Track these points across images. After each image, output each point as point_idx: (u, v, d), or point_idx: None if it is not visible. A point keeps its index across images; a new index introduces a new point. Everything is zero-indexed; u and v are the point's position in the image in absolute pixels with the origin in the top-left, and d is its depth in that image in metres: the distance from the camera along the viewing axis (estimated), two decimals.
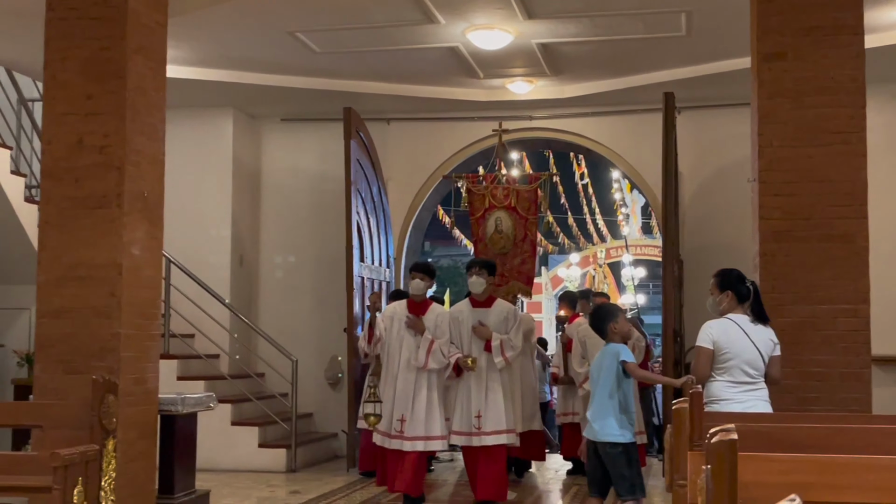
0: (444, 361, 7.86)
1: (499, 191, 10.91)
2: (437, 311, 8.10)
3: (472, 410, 7.93)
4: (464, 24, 8.91)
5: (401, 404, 7.82)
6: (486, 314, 8.15)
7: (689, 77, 10.18)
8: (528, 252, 10.94)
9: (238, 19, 8.82)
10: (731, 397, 5.45)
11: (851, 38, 6.26)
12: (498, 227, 10.86)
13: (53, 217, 6.83)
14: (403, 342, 7.95)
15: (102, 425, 5.83)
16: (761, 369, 5.56)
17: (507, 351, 8.00)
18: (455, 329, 8.10)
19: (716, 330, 5.62)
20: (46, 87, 6.95)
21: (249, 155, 12.03)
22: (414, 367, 7.84)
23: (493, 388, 8.01)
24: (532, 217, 10.92)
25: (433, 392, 7.88)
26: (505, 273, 10.62)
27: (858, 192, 6.22)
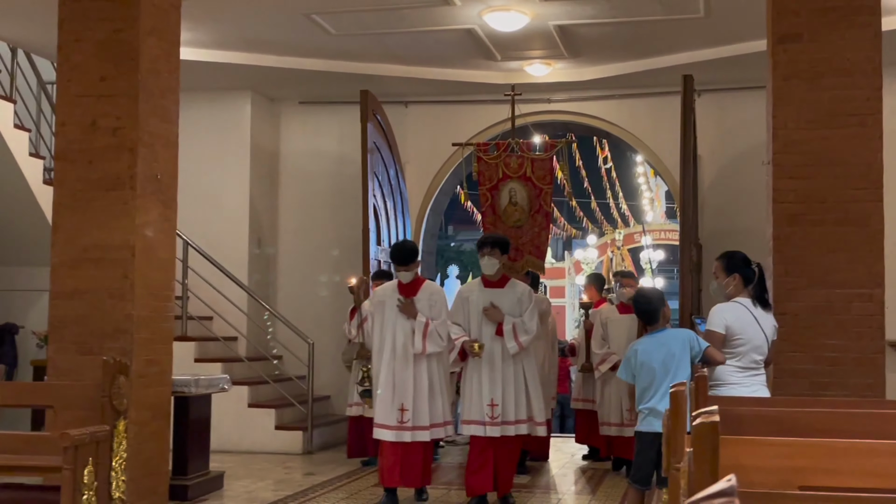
0: (442, 344, 7.33)
1: (512, 160, 10.23)
2: (429, 290, 7.53)
3: (485, 398, 7.35)
4: (480, 6, 8.86)
5: (400, 393, 7.28)
6: (498, 295, 7.52)
7: (708, 59, 10.09)
8: (543, 224, 10.32)
9: (255, 2, 8.82)
10: (739, 381, 5.43)
11: (868, 18, 6.17)
12: (512, 198, 10.20)
13: (67, 199, 6.87)
14: (397, 326, 7.36)
15: (113, 406, 5.86)
16: (766, 354, 5.54)
17: (521, 335, 7.36)
18: (464, 310, 7.55)
19: (729, 315, 5.59)
20: (60, 69, 6.98)
21: (268, 138, 12.04)
22: (411, 353, 7.30)
23: (507, 376, 7.43)
24: (547, 187, 10.29)
25: (434, 377, 7.38)
26: (519, 247, 10.06)
27: (874, 174, 6.14)
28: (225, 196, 11.53)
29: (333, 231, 11.84)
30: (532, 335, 7.49)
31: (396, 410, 7.25)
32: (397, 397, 7.27)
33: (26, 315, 10.60)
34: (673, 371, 5.67)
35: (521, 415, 7.43)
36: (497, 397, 7.35)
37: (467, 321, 7.53)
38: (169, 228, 7.19)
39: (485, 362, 7.40)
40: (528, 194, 10.21)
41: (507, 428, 7.35)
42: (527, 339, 7.43)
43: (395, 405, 7.26)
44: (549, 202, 10.41)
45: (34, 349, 10.51)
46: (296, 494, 7.87)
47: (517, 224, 10.17)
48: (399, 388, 7.28)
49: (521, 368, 7.50)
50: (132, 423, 6.45)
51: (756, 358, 5.51)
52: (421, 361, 7.32)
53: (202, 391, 7.67)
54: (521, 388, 7.46)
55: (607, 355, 9.15)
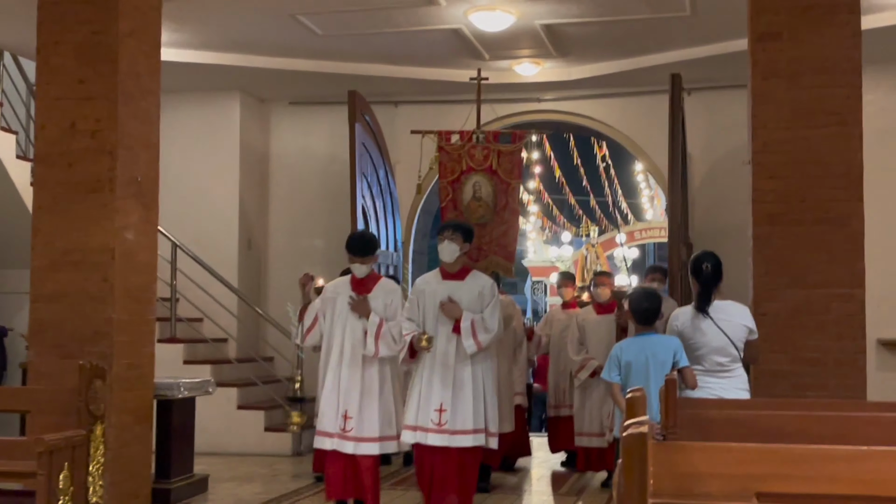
0: (396, 347, 6.63)
1: (477, 151, 9.55)
2: (385, 288, 6.82)
3: (433, 402, 6.54)
4: (465, 6, 8.83)
5: (345, 398, 6.59)
6: (457, 288, 6.70)
7: (697, 58, 10.06)
8: (510, 222, 9.54)
9: (238, 2, 8.81)
10: (703, 384, 5.38)
11: (847, 17, 6.13)
12: (476, 192, 9.49)
13: (47, 202, 6.87)
14: (348, 326, 6.68)
15: (90, 411, 5.83)
16: (733, 356, 5.48)
17: (481, 333, 6.55)
18: (419, 304, 6.77)
19: (680, 321, 5.58)
20: (39, 72, 6.97)
21: (258, 139, 12.02)
22: (361, 356, 6.63)
23: (462, 379, 6.61)
24: (515, 181, 9.59)
25: (387, 384, 6.69)
26: (483, 246, 9.28)
27: (854, 174, 6.10)
28: (214, 197, 11.51)
29: (324, 232, 11.81)
30: (493, 334, 6.67)
31: (340, 417, 6.58)
32: (342, 403, 6.61)
33: (15, 317, 10.59)
34: (654, 377, 5.50)
35: (475, 423, 6.58)
36: (447, 402, 6.54)
37: (422, 317, 6.74)
38: (150, 231, 7.17)
39: (437, 362, 6.63)
40: (494, 189, 9.54)
41: (455, 438, 6.53)
42: (487, 337, 6.61)
43: (340, 411, 6.59)
44: (517, 198, 9.77)
45: (23, 352, 10.48)
46: (281, 497, 7.85)
47: (481, 221, 9.49)
48: (344, 394, 6.61)
49: (479, 371, 6.69)
50: (113, 427, 6.45)
51: (719, 360, 5.46)
52: (372, 365, 6.65)
53: (185, 394, 7.64)
54: (477, 393, 6.63)
55: (586, 361, 8.44)
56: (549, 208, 25.85)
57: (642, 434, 2.46)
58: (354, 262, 6.83)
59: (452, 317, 6.63)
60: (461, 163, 9.58)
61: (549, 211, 26.04)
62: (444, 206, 9.66)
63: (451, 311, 6.64)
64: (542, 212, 25.52)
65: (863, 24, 6.29)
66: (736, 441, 3.65)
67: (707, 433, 4.28)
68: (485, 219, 9.53)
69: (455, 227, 6.83)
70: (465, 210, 9.56)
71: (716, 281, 5.58)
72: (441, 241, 6.75)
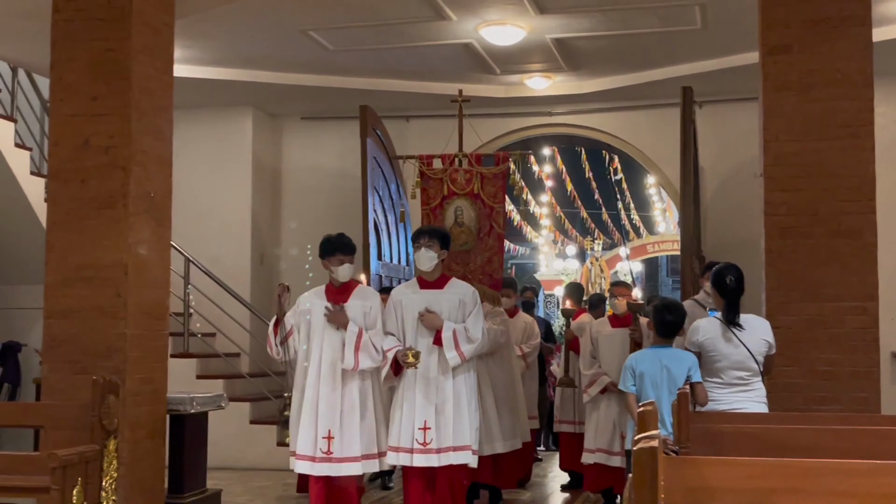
0: (378, 358, 6.23)
1: (459, 175, 9.09)
2: (364, 295, 6.45)
3: (416, 420, 6.18)
4: (476, 20, 8.86)
5: (326, 418, 6.18)
6: (436, 297, 6.35)
7: (708, 71, 10.07)
8: (495, 248, 9.02)
9: (249, 19, 8.84)
10: (719, 398, 5.35)
11: (859, 29, 6.11)
12: (458, 218, 9.00)
13: (60, 218, 6.88)
14: (325, 339, 6.29)
15: (103, 425, 5.87)
16: (753, 370, 5.43)
17: (464, 344, 6.19)
18: (396, 316, 6.41)
19: (701, 334, 5.52)
20: (53, 89, 7.00)
21: (270, 153, 12.07)
22: (340, 370, 6.24)
23: (445, 394, 6.25)
24: (498, 206, 9.08)
25: (368, 399, 6.30)
26: (468, 275, 8.68)
27: (866, 186, 6.07)
28: (227, 212, 11.56)
29: None
30: (477, 344, 6.30)
31: (321, 439, 6.16)
32: (322, 423, 6.20)
33: (29, 333, 10.62)
34: (667, 391, 5.38)
35: (460, 440, 6.24)
36: (431, 419, 6.18)
37: (401, 329, 6.39)
38: (163, 246, 7.19)
39: (419, 377, 6.25)
40: (477, 213, 9.08)
41: (443, 456, 6.20)
42: (470, 348, 6.25)
43: (320, 433, 6.18)
44: (502, 223, 9.21)
45: (37, 367, 10.51)
46: None
47: (464, 247, 9.00)
48: (325, 413, 6.21)
49: (461, 385, 6.33)
50: (126, 442, 6.46)
51: (739, 374, 5.42)
52: (352, 380, 6.24)
53: (198, 409, 7.65)
54: (461, 409, 6.29)
55: (597, 376, 7.91)
56: (562, 222, 25.81)
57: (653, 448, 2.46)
58: (343, 262, 6.44)
59: (432, 328, 6.28)
60: (442, 187, 9.17)
61: (562, 225, 26.00)
62: None
63: (430, 321, 6.28)
64: (555, 225, 25.48)
65: (874, 36, 6.28)
66: (748, 455, 3.64)
67: (719, 447, 4.27)
68: (468, 245, 9.06)
69: (431, 233, 6.48)
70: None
71: (740, 293, 5.55)
72: (417, 248, 6.43)
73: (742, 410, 5.25)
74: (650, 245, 28.55)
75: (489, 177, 9.12)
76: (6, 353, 10.63)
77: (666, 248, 26.73)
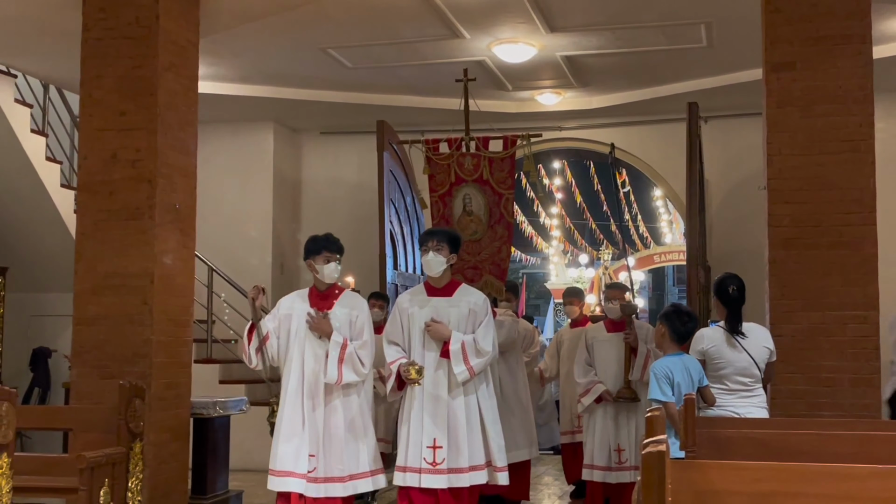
0: (364, 372, 5.53)
1: (467, 160, 8.29)
2: (350, 302, 5.74)
3: (425, 438, 5.54)
4: (488, 39, 8.88)
5: (310, 436, 5.52)
6: (445, 305, 5.69)
7: (713, 87, 10.07)
8: (504, 237, 8.16)
9: (272, 37, 8.88)
10: (724, 403, 5.33)
11: (860, 46, 6.09)
12: (467, 206, 8.18)
13: (89, 228, 6.92)
14: (307, 348, 5.61)
15: (129, 428, 5.88)
16: (756, 376, 5.42)
17: (473, 357, 5.53)
18: (402, 325, 5.76)
19: (706, 342, 5.48)
20: (83, 105, 7.05)
21: (290, 166, 12.11)
22: (324, 385, 5.53)
23: (456, 410, 5.58)
24: (508, 192, 8.28)
25: (356, 415, 5.58)
26: (478, 265, 7.99)
27: (867, 199, 6.05)
28: (249, 223, 11.61)
29: (353, 256, 11.69)
30: (487, 357, 5.63)
31: (302, 458, 5.51)
32: (304, 441, 5.53)
33: (58, 339, 10.66)
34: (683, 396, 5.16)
35: (475, 459, 5.58)
36: (441, 437, 5.52)
37: (406, 339, 5.74)
38: (187, 256, 7.22)
39: (426, 391, 5.59)
40: (487, 201, 8.21)
41: (456, 477, 5.53)
42: (480, 362, 5.58)
43: (302, 451, 5.52)
44: (511, 210, 8.38)
45: (66, 372, 10.55)
46: None
47: (474, 237, 8.14)
48: (307, 431, 5.53)
49: (473, 398, 5.66)
50: (151, 445, 6.48)
51: (742, 380, 5.39)
52: (337, 394, 5.54)
53: (221, 413, 7.66)
54: (473, 424, 5.62)
55: (592, 384, 7.09)
56: (571, 233, 25.81)
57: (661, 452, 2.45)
58: (329, 260, 5.77)
59: (440, 339, 5.63)
60: (450, 174, 8.36)
61: (571, 235, 26.00)
62: (436, 224, 8.37)
63: (437, 332, 5.61)
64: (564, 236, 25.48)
65: (875, 53, 6.26)
66: (753, 459, 3.63)
67: (725, 452, 4.25)
68: (477, 234, 8.19)
69: (439, 236, 5.76)
70: (456, 225, 8.26)
71: (742, 302, 5.54)
72: (425, 252, 5.73)
73: (746, 415, 5.23)
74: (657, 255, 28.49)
75: (497, 161, 8.33)
76: (37, 359, 10.68)
77: (672, 258, 26.66)
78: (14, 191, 9.94)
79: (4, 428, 4.58)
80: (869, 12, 6.13)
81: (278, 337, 5.75)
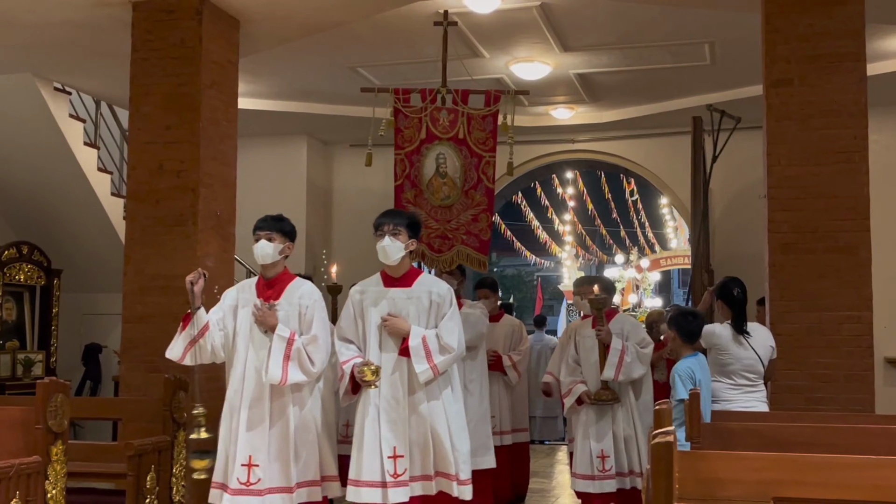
0: (313, 371, 4.60)
1: (442, 115, 6.75)
2: (299, 291, 4.81)
3: (385, 447, 4.57)
4: (506, 57, 8.88)
5: (251, 442, 4.61)
6: (403, 297, 4.75)
7: (716, 102, 9.98)
8: (483, 205, 6.66)
9: (305, 57, 8.91)
10: (731, 398, 5.31)
11: (854, 64, 6.04)
12: (440, 167, 6.70)
13: (137, 234, 6.97)
14: (252, 343, 4.73)
15: (174, 419, 5.92)
16: (759, 372, 5.40)
17: (436, 355, 4.61)
18: (355, 319, 4.80)
19: (717, 337, 5.47)
20: (132, 120, 7.10)
21: (322, 177, 12.15)
22: (269, 385, 4.64)
23: (419, 416, 4.64)
24: (488, 154, 6.73)
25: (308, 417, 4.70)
26: (449, 234, 6.62)
27: (861, 206, 6.00)
28: None
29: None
30: (453, 355, 4.68)
31: (241, 467, 4.60)
32: (243, 448, 4.64)
33: (109, 336, 10.73)
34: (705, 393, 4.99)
35: (441, 466, 4.66)
36: (401, 446, 4.58)
37: (361, 335, 4.78)
38: (227, 259, 7.25)
39: (383, 394, 4.63)
40: (463, 163, 6.68)
41: (422, 485, 4.64)
42: (444, 359, 4.64)
43: (240, 458, 4.63)
44: (493, 175, 6.76)
45: (116, 367, 10.62)
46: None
47: (446, 202, 6.71)
48: (247, 436, 4.65)
49: (439, 406, 4.69)
50: None
51: (748, 376, 5.38)
52: (282, 395, 4.66)
53: None
54: (439, 433, 4.66)
55: (573, 384, 6.19)
56: (583, 238, 25.76)
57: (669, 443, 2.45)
58: (260, 238, 4.86)
59: (398, 335, 4.68)
60: (421, 129, 6.84)
61: (583, 241, 25.95)
62: (400, 185, 6.98)
63: (395, 327, 4.67)
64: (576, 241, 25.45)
65: (868, 70, 6.21)
66: (754, 450, 3.60)
67: (728, 443, 4.23)
68: (450, 199, 6.72)
69: (398, 219, 4.84)
70: (425, 189, 6.82)
71: (746, 303, 5.53)
72: (380, 237, 4.79)
73: (751, 409, 5.21)
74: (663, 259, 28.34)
75: (477, 118, 6.76)
76: (89, 354, 10.75)
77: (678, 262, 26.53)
78: (68, 199, 10.02)
79: (60, 417, 4.62)
80: (863, 32, 6.08)
81: (222, 330, 4.81)
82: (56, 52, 8.25)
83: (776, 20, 6.20)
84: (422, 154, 6.78)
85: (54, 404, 4.60)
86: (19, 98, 9.26)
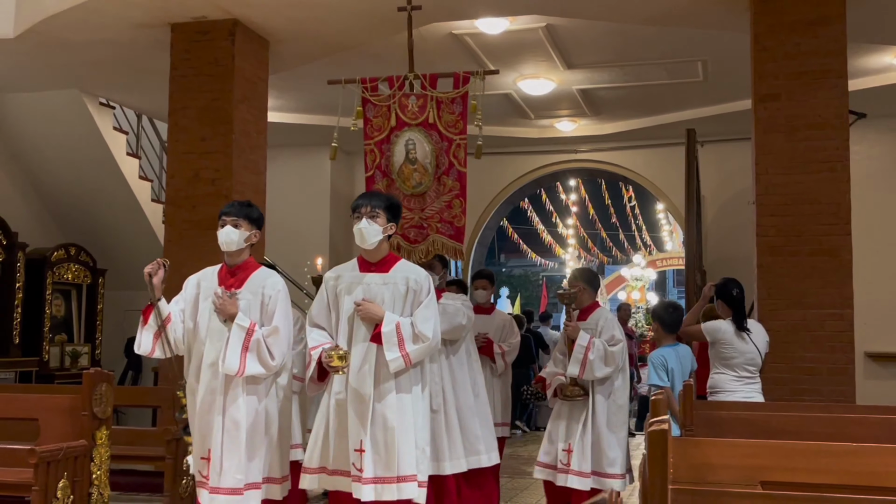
0: (272, 364, 4.10)
1: (410, 101, 6.10)
2: (262, 281, 4.32)
3: (352, 440, 4.04)
4: (514, 74, 8.88)
5: (204, 436, 4.16)
6: (377, 284, 4.21)
7: (708, 115, 10.00)
8: (456, 190, 5.88)
9: (329, 74, 8.87)
10: (734, 389, 5.30)
11: (837, 80, 6.02)
12: (410, 154, 5.98)
13: (175, 237, 7.00)
14: (210, 333, 4.22)
15: None
16: (758, 365, 5.41)
17: (409, 343, 4.06)
18: (328, 305, 4.26)
19: (721, 333, 5.45)
20: (170, 132, 7.14)
21: (345, 184, 12.16)
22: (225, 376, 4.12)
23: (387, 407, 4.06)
24: (459, 137, 5.96)
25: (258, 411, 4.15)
26: (423, 223, 5.90)
27: (843, 212, 5.97)
28: (309, 233, 11.67)
29: None
30: (427, 345, 4.13)
31: (199, 460, 4.19)
32: (199, 441, 4.20)
33: None
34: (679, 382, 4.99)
35: (404, 469, 4.05)
36: (366, 440, 4.02)
37: (333, 322, 4.25)
38: (258, 260, 7.25)
39: (350, 383, 4.10)
40: (434, 148, 5.94)
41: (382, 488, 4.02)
42: (418, 349, 4.10)
43: (198, 452, 4.22)
44: (464, 158, 5.98)
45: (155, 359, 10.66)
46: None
47: (418, 190, 5.92)
48: (203, 430, 4.17)
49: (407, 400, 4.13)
50: None
51: (749, 368, 5.37)
52: (239, 387, 4.12)
53: None
54: (405, 430, 4.09)
55: (553, 376, 5.59)
56: (585, 241, 25.74)
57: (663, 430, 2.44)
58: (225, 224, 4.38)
59: (371, 320, 4.13)
60: (390, 118, 6.19)
61: (585, 243, 25.94)
62: (371, 176, 6.27)
63: (368, 312, 4.12)
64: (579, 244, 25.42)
65: (850, 86, 6.18)
66: (743, 438, 3.59)
67: (719, 431, 4.21)
68: (422, 187, 5.93)
69: (376, 201, 4.29)
70: (396, 177, 6.06)
71: (744, 301, 5.53)
72: (357, 219, 4.25)
73: (750, 399, 5.20)
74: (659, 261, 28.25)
75: (447, 102, 6.05)
76: (130, 347, 10.76)
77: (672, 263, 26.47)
78: (112, 205, 10.07)
79: (104, 405, 4.65)
80: (845, 51, 6.05)
81: (183, 322, 4.36)
82: (101, 69, 8.30)
83: (765, 39, 6.19)
84: (391, 142, 6.12)
85: (99, 393, 4.63)
86: (68, 112, 9.32)
